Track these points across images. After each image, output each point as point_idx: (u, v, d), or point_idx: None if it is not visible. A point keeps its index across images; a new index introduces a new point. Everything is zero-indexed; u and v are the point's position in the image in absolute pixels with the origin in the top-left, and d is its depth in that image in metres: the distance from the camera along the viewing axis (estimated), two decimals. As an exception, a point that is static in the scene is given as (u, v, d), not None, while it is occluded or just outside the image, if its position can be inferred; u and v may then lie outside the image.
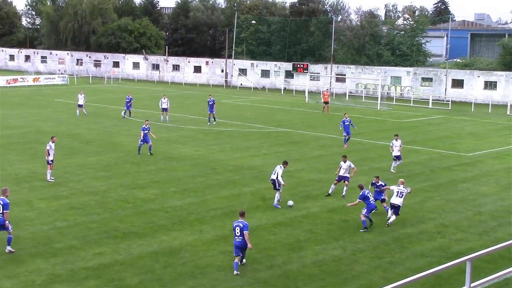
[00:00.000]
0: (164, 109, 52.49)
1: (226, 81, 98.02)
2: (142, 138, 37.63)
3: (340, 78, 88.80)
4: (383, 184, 25.76)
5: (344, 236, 23.10)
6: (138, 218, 24.60)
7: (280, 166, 27.23)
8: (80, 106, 54.82)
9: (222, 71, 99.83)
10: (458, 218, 26.03)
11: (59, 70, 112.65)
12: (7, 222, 20.23)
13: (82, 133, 44.80)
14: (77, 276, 18.59)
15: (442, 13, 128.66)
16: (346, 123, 41.91)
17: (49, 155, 30.27)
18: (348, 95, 79.93)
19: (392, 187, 25.05)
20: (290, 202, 27.01)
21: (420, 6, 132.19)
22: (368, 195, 24.19)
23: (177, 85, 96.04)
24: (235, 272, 19.09)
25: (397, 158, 34.71)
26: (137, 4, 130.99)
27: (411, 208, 27.15)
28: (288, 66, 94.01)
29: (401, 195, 24.48)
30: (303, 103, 71.87)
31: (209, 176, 32.20)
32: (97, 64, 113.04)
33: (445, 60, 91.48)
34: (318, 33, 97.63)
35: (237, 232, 19.20)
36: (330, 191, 28.95)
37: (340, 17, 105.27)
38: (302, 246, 21.81)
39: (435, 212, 26.68)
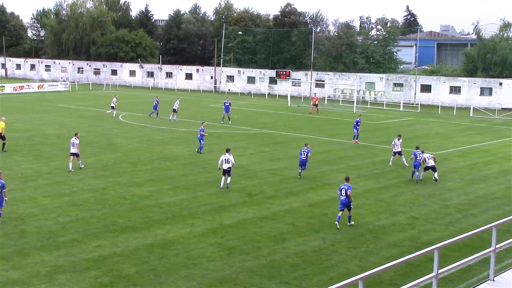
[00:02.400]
0: (174, 110, 54.34)
1: (215, 87, 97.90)
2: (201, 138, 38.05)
3: (320, 84, 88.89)
4: None
5: (323, 228, 23.09)
6: (135, 213, 24.47)
7: (230, 154, 28.83)
8: (112, 108, 56.98)
9: (212, 77, 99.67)
10: (426, 211, 26.13)
11: (61, 78, 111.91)
12: (6, 199, 22.35)
13: (82, 135, 44.32)
14: (79, 267, 18.46)
15: (411, 25, 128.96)
16: (357, 123, 44.17)
17: (74, 148, 31.89)
18: (327, 99, 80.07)
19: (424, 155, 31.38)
20: (436, 175, 31.46)
21: (392, 18, 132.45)
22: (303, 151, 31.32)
23: (170, 91, 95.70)
24: (336, 223, 22.94)
25: (399, 153, 35.56)
26: (133, 17, 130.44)
27: (385, 202, 27.25)
28: (272, 73, 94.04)
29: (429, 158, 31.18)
30: (285, 107, 71.89)
31: (199, 174, 32.11)
32: (96, 72, 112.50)
33: (414, 67, 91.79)
34: (299, 42, 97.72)
35: (343, 193, 22.91)
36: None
37: (319, 28, 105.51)
38: (285, 238, 21.77)
39: (406, 206, 26.76)
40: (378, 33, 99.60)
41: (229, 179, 28.94)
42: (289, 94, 78.84)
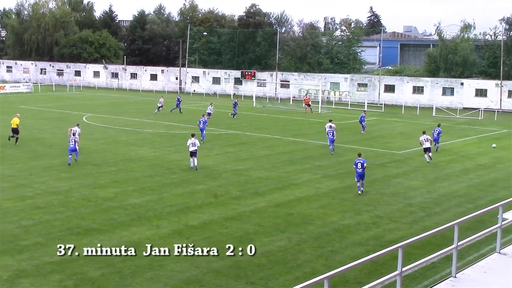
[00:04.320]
0: (208, 114, 55.42)
1: (180, 88, 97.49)
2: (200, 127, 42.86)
3: (285, 84, 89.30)
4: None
5: (289, 228, 23.15)
6: (99, 215, 24.21)
7: (195, 139, 33.32)
8: (159, 107, 61.75)
9: (177, 78, 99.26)
10: (391, 209, 26.40)
11: (24, 79, 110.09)
12: None
13: (46, 137, 43.90)
14: (42, 270, 18.18)
15: (375, 25, 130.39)
16: (362, 118, 50.94)
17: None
18: (292, 99, 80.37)
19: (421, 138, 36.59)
20: (494, 145, 39.41)
21: (356, 19, 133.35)
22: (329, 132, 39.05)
23: (135, 92, 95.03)
24: (359, 192, 28.08)
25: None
26: (97, 18, 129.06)
27: (350, 201, 27.44)
28: (237, 73, 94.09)
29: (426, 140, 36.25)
30: (251, 107, 71.96)
31: (165, 176, 31.92)
32: (59, 73, 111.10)
33: (378, 67, 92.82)
34: (264, 43, 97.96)
35: (359, 166, 27.67)
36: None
37: (284, 29, 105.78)
38: (251, 238, 21.75)
39: (371, 205, 27.00)
40: (342, 33, 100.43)
41: (196, 160, 32.90)
42: (254, 94, 79.02)
